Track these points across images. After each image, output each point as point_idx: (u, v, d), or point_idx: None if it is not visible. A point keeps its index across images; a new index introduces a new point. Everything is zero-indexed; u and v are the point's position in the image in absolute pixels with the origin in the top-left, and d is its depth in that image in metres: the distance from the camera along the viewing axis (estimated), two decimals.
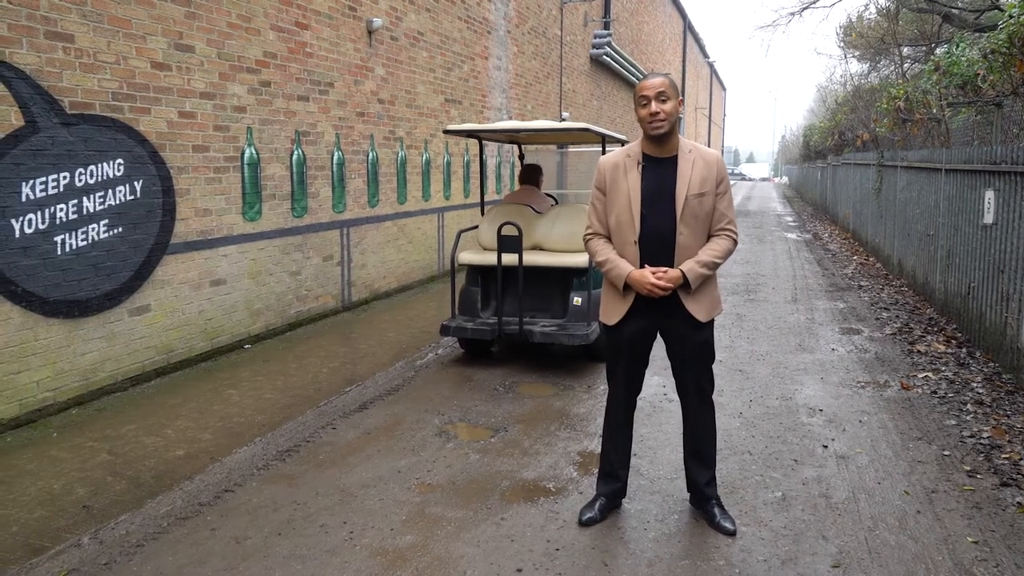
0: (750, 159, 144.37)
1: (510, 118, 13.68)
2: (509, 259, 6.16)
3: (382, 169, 9.32)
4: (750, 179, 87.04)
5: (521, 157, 8.03)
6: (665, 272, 3.38)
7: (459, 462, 4.35)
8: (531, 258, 6.28)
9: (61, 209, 5.14)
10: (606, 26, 20.82)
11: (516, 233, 6.02)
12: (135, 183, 5.70)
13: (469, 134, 6.69)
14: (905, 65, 26.91)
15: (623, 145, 7.12)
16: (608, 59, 20.24)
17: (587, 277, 6.33)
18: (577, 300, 6.29)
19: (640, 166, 3.43)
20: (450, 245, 11.35)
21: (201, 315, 6.44)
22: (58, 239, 5.13)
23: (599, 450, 4.51)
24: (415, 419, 5.08)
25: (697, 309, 3.48)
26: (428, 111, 10.48)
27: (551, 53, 16.21)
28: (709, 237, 3.48)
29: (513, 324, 6.21)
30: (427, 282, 10.59)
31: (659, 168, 3.42)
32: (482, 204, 7.43)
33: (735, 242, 3.50)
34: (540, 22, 15.35)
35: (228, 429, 4.91)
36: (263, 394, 5.64)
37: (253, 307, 7.08)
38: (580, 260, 6.26)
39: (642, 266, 3.44)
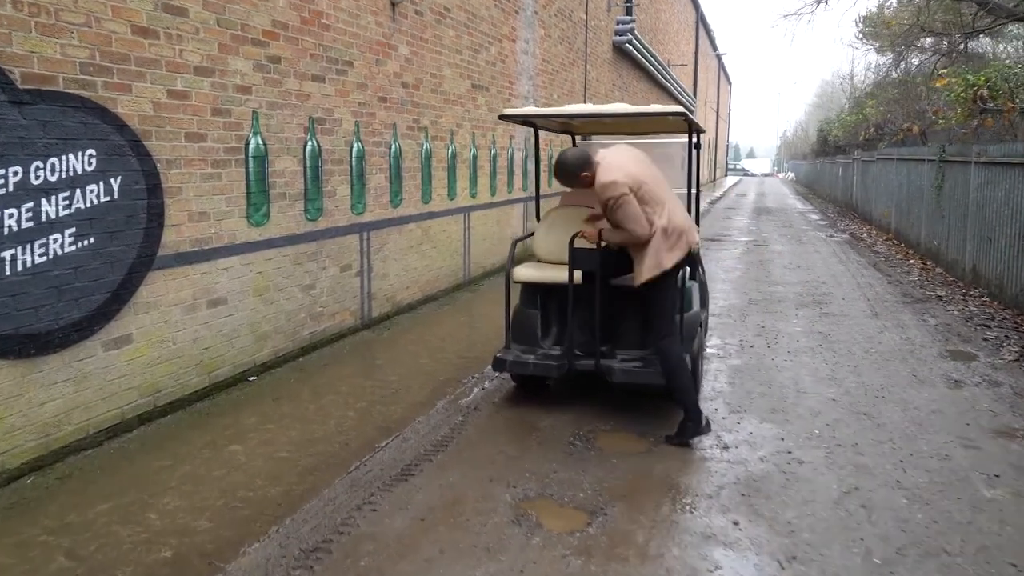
0: (750, 154, 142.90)
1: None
2: (584, 275, 4.95)
3: (405, 163, 8.07)
4: (752, 174, 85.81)
5: None
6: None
7: (557, 573, 3.13)
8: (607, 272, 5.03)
9: (11, 215, 3.90)
10: (628, 11, 19.56)
11: (594, 245, 4.79)
12: (111, 181, 4.46)
13: (524, 121, 5.47)
14: (931, 57, 25.66)
15: (698, 136, 5.97)
16: (631, 47, 18.98)
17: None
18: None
19: None
20: (476, 249, 10.11)
21: (196, 343, 5.20)
22: (7, 255, 3.89)
23: (739, 550, 3.29)
24: (479, 494, 3.85)
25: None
26: (454, 98, 9.24)
27: (576, 38, 14.96)
28: None
29: (587, 358, 4.99)
30: (452, 291, 9.36)
31: None
32: (537, 207, 6.19)
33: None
34: (566, 4, 14.09)
35: (232, 511, 3.67)
36: (276, 451, 4.40)
37: (259, 330, 5.84)
38: None
39: None
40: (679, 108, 4.77)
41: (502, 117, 5.12)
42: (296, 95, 6.18)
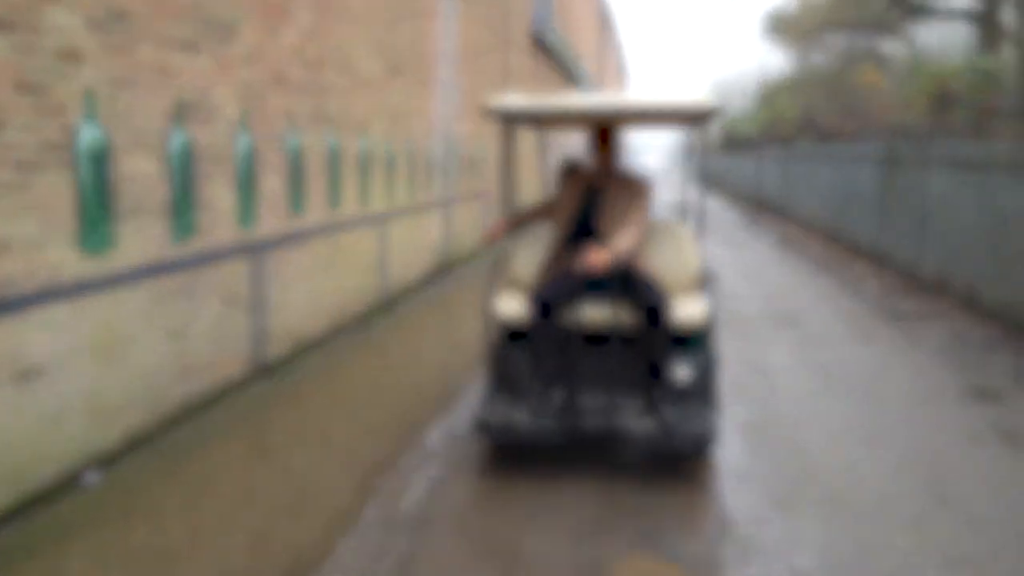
0: (642, 150, 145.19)
1: (456, 98, 10.87)
2: (595, 314, 3.97)
3: (308, 162, 6.37)
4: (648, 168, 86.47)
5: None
6: None
7: None
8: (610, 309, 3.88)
9: None
10: None
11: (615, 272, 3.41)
12: None
13: (507, 115, 4.01)
14: (838, 55, 25.57)
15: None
16: (548, 37, 17.64)
17: (702, 335, 4.05)
18: (683, 372, 3.97)
19: None
20: (393, 263, 8.48)
21: None
22: None
23: None
24: None
25: None
26: (366, 81, 7.57)
27: (497, 21, 13.45)
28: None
29: (596, 417, 3.87)
30: (368, 317, 7.67)
31: None
32: (509, 219, 4.71)
33: None
34: None
35: None
36: None
37: (102, 404, 4.07)
38: (690, 312, 4.01)
39: None
40: (709, 101, 3.52)
41: (494, 110, 3.80)
42: (155, 68, 4.42)
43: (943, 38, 20.05)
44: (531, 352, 4.06)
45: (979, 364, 6.39)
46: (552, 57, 20.16)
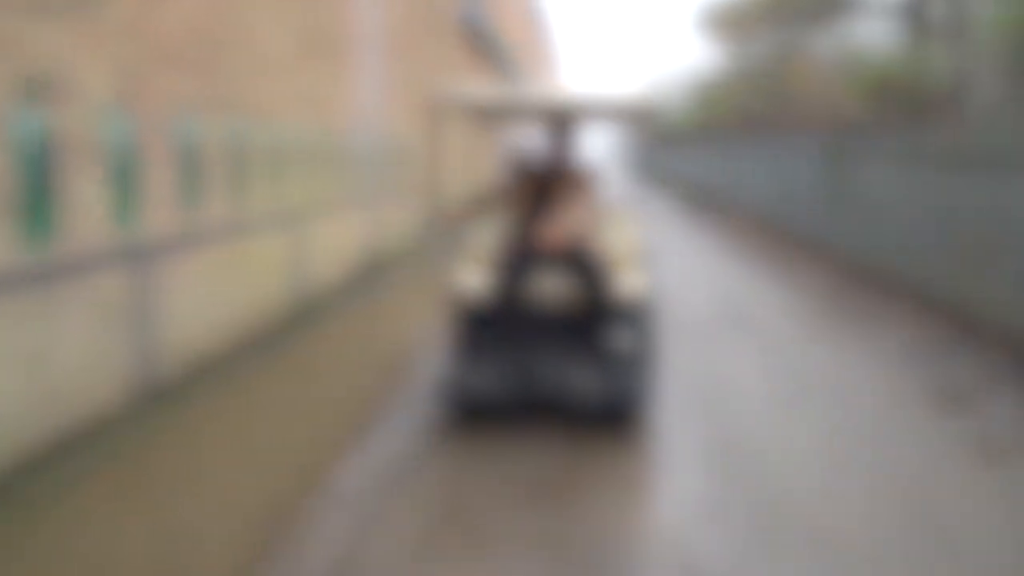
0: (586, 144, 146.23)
1: (381, 85, 10.11)
2: (549, 287, 4.38)
3: (207, 153, 5.58)
4: None
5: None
6: None
7: None
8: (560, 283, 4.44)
9: None
10: None
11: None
12: None
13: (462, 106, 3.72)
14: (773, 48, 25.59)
15: None
16: (481, 27, 16.99)
17: (642, 307, 4.38)
18: (621, 340, 4.29)
19: None
20: (313, 265, 7.71)
21: None
22: None
23: None
24: None
25: None
26: (274, 63, 6.78)
27: (424, 5, 12.72)
28: None
29: (547, 381, 4.23)
30: (284, 327, 6.87)
31: None
32: (469, 206, 4.46)
33: None
34: None
35: None
36: None
37: None
38: (631, 285, 4.37)
39: None
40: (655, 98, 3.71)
41: (451, 100, 3.65)
42: None
43: (868, 32, 20.18)
44: (491, 323, 4.43)
45: (942, 367, 6.03)
46: (484, 47, 19.51)
